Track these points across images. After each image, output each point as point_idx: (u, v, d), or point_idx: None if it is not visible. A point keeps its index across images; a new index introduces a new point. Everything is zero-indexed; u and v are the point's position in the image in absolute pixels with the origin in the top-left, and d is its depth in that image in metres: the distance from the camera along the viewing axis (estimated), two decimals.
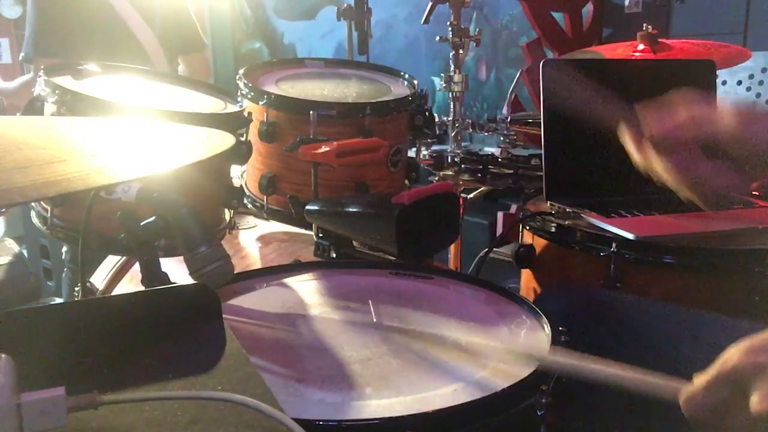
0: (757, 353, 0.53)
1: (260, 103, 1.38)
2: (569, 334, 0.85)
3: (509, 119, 1.94)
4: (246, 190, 1.48)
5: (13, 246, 2.44)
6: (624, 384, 0.62)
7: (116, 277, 1.40)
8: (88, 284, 1.39)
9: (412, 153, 1.57)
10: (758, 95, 2.56)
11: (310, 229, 1.30)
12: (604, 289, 1.19)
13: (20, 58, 2.09)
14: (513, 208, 1.98)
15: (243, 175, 1.52)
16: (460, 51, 1.86)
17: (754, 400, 0.51)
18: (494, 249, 1.58)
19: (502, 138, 1.90)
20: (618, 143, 0.95)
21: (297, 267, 1.14)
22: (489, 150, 1.86)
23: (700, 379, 0.56)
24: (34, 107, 1.13)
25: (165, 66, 2.12)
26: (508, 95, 2.42)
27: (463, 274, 1.21)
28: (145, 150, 0.65)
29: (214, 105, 1.28)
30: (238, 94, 1.40)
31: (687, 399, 0.56)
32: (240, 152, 1.23)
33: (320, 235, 1.27)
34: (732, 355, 0.54)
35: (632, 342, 1.00)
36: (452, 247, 2.09)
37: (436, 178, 1.80)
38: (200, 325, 0.66)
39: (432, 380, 0.75)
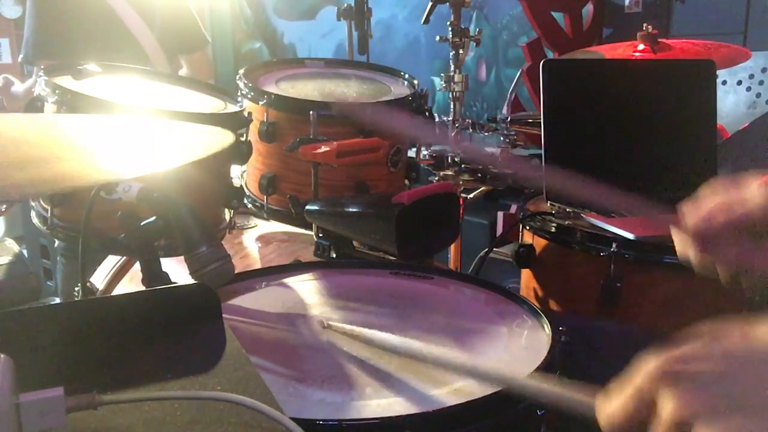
0: (671, 364, 0.47)
1: (260, 103, 1.38)
2: (569, 334, 0.85)
3: (509, 119, 1.93)
4: (246, 190, 1.48)
5: (13, 246, 2.44)
6: (540, 397, 0.59)
7: (116, 277, 1.40)
8: (88, 284, 1.39)
9: (412, 153, 1.57)
10: (758, 95, 2.56)
11: (310, 229, 1.30)
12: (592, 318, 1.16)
13: (20, 59, 2.08)
14: (513, 208, 1.98)
15: (243, 175, 1.52)
16: (460, 51, 1.85)
17: (664, 408, 0.46)
18: (494, 249, 1.58)
19: (502, 138, 1.90)
20: (618, 143, 0.94)
21: (297, 267, 1.13)
22: (489, 150, 1.86)
23: (616, 400, 0.52)
24: (34, 107, 1.13)
25: (165, 66, 2.11)
26: (508, 95, 2.42)
27: (463, 274, 1.21)
28: (146, 149, 0.65)
29: (214, 105, 1.28)
30: (238, 94, 1.40)
31: (606, 421, 0.52)
32: (240, 152, 1.23)
33: (320, 235, 1.27)
34: (645, 365, 0.48)
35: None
36: (452, 247, 2.08)
37: (436, 178, 1.79)
38: (200, 325, 0.66)
39: (432, 380, 0.75)
